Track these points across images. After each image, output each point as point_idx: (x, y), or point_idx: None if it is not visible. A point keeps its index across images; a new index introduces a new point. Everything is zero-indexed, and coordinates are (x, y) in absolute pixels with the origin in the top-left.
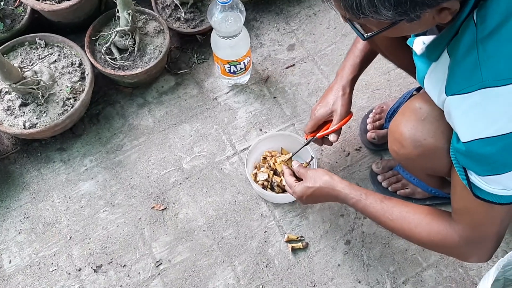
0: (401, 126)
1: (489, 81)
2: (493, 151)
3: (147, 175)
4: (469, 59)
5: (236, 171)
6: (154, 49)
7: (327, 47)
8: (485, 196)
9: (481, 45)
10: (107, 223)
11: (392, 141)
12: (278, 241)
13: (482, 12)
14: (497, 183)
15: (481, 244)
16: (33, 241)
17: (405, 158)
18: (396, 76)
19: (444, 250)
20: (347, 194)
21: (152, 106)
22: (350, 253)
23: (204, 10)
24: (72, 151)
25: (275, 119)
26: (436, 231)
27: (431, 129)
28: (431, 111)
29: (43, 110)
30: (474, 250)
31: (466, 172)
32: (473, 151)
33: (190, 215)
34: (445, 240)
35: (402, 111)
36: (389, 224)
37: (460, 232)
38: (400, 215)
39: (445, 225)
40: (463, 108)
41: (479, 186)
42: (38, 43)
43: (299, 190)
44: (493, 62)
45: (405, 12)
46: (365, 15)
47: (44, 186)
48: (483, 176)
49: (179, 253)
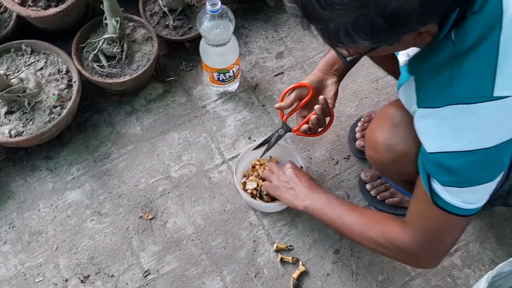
0: (375, 132)
1: (460, 97)
2: (460, 165)
3: (135, 183)
4: (443, 74)
5: (225, 180)
6: (142, 56)
7: (316, 55)
8: (443, 204)
9: (457, 62)
10: (95, 233)
11: (367, 146)
12: (267, 250)
13: (460, 31)
14: (457, 195)
15: (430, 250)
16: (19, 251)
17: (379, 163)
18: (384, 85)
19: (395, 254)
20: (312, 193)
21: (140, 114)
22: (339, 262)
23: (193, 17)
24: (58, 159)
25: (264, 127)
26: (388, 233)
27: (403, 135)
28: (404, 117)
29: (29, 118)
30: (422, 254)
31: (430, 178)
32: (439, 162)
33: (178, 224)
34: (395, 242)
35: (377, 117)
36: (343, 230)
37: (411, 234)
38: (356, 219)
39: (398, 227)
40: (433, 121)
41: (439, 194)
42: (24, 50)
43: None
44: (466, 79)
45: (382, 40)
46: (343, 44)
47: (30, 195)
48: (445, 186)
49: (167, 263)
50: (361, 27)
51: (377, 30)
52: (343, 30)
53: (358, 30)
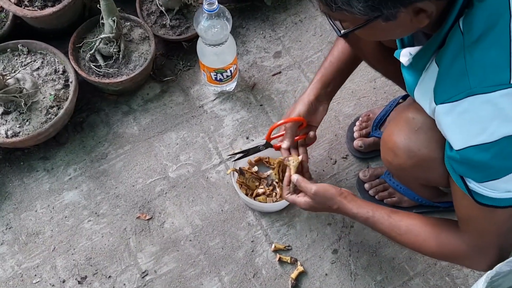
0: (395, 136)
1: (477, 88)
2: (488, 157)
3: (132, 184)
4: (456, 66)
5: (222, 180)
6: (139, 56)
7: (313, 54)
8: (488, 201)
9: (468, 52)
10: (92, 234)
11: (385, 151)
12: (266, 250)
13: (468, 20)
14: (498, 187)
15: (490, 249)
16: (16, 252)
17: (399, 169)
18: (382, 84)
19: (456, 261)
20: (355, 214)
21: (137, 113)
22: (337, 262)
23: (190, 17)
24: (55, 160)
25: (261, 127)
26: (445, 243)
27: (425, 139)
28: (424, 121)
29: (25, 119)
30: (483, 257)
31: (464, 180)
32: (467, 159)
33: (176, 224)
34: (455, 251)
35: (395, 121)
36: (399, 239)
37: (468, 240)
38: (408, 229)
39: (453, 236)
40: (453, 116)
41: (480, 193)
42: (21, 50)
43: (306, 206)
44: (480, 68)
45: (377, 7)
46: (337, 6)
47: (27, 195)
48: (482, 182)
49: (165, 263)
50: None
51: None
52: None
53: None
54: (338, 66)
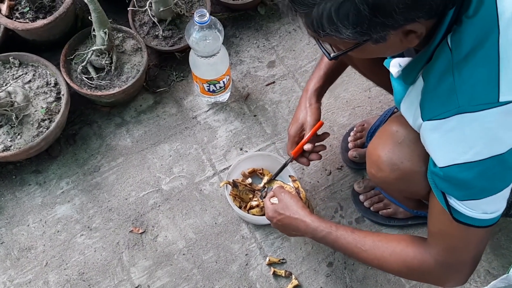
0: (378, 150)
1: (465, 106)
2: (471, 176)
3: (125, 197)
4: (445, 83)
5: (216, 192)
6: (132, 67)
7: (307, 64)
8: (464, 219)
9: (457, 69)
10: (84, 248)
11: (369, 164)
12: (260, 263)
13: (457, 36)
14: (477, 207)
15: (457, 267)
16: (8, 267)
17: (383, 181)
18: (377, 93)
19: (420, 277)
20: (317, 227)
21: (130, 125)
22: (332, 275)
23: (183, 27)
24: (48, 173)
25: (255, 138)
26: (412, 257)
27: (408, 153)
28: (407, 134)
29: (17, 132)
30: (450, 274)
31: (445, 195)
32: (450, 176)
33: (169, 238)
34: (421, 266)
35: (379, 134)
36: (362, 256)
37: (436, 256)
38: (373, 245)
39: (420, 250)
40: (440, 133)
41: (459, 210)
42: (12, 63)
43: (270, 212)
44: (468, 87)
45: (366, 32)
46: (326, 33)
47: (19, 210)
48: (462, 200)
49: (158, 278)
50: (344, 13)
51: (361, 19)
52: (326, 16)
53: (341, 17)
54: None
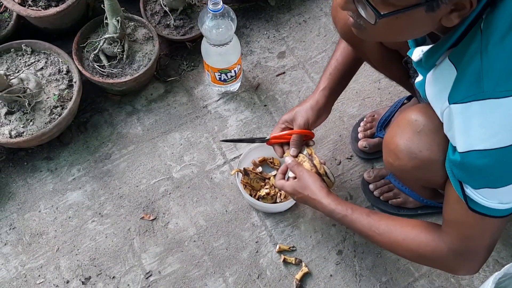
0: (397, 138)
1: (489, 92)
2: (489, 164)
3: (136, 184)
4: (472, 67)
5: (227, 180)
6: (143, 56)
7: (318, 55)
8: (480, 209)
9: (485, 54)
10: (96, 234)
11: (387, 152)
12: (270, 251)
13: (489, 19)
14: (493, 196)
15: (470, 256)
16: (20, 252)
17: (400, 170)
18: (386, 85)
19: (433, 263)
20: (333, 209)
21: (141, 114)
22: (342, 263)
23: (194, 17)
24: (59, 160)
25: (265, 127)
26: (425, 243)
27: (426, 142)
28: (427, 124)
29: (29, 119)
30: (463, 262)
31: (462, 185)
32: (468, 163)
33: (180, 225)
34: (434, 252)
35: (397, 123)
36: (376, 238)
37: (449, 244)
38: (387, 229)
39: (434, 237)
40: (463, 118)
41: (474, 199)
42: (24, 50)
43: (289, 188)
44: (495, 72)
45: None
46: None
47: (31, 196)
48: (478, 189)
49: (169, 264)
50: None
51: None
52: None
53: None
54: (343, 71)
